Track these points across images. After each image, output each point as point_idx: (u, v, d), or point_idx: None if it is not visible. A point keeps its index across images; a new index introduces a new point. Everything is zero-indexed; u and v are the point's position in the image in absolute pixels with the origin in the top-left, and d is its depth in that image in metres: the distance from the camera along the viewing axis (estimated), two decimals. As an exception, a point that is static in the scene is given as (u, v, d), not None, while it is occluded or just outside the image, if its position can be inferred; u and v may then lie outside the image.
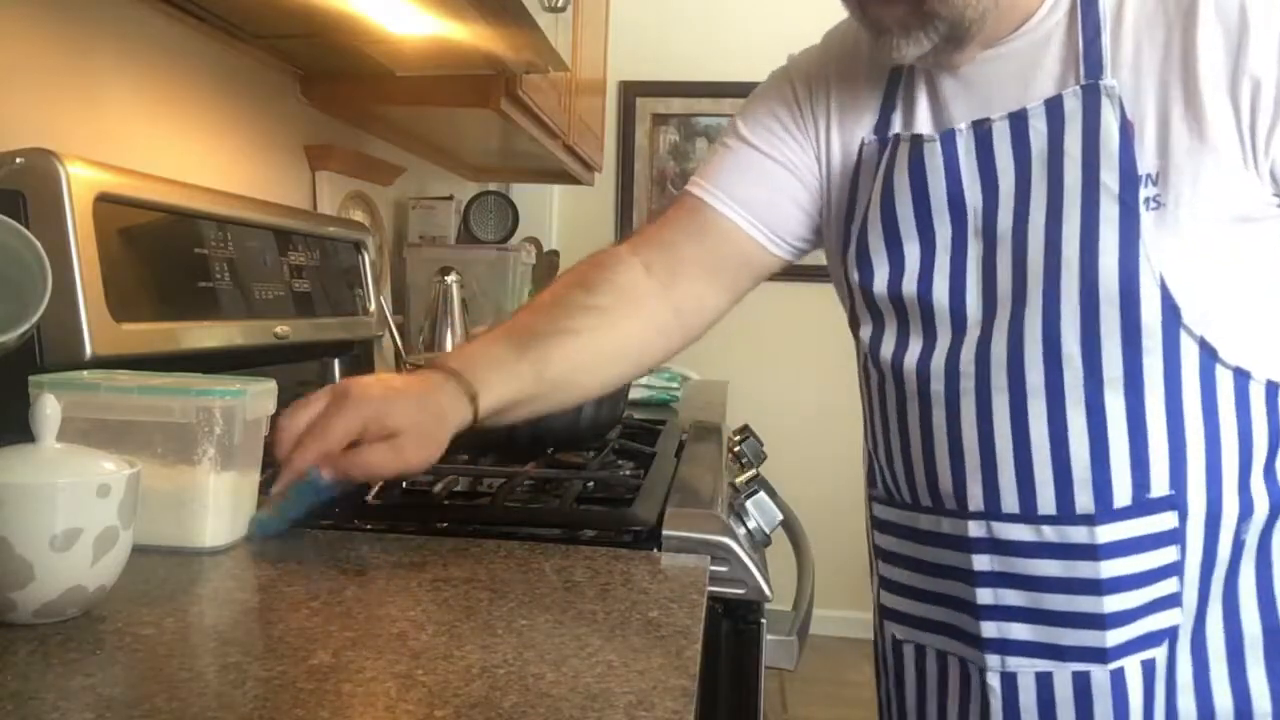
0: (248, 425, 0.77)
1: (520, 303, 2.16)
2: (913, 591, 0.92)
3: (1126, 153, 0.77)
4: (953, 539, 0.86)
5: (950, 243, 0.85)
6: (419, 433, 0.77)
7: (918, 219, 0.86)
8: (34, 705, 0.48)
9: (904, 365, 0.87)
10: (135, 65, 1.22)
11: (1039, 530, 0.82)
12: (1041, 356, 0.80)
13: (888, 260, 0.88)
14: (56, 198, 0.90)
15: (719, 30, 3.40)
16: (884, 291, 0.88)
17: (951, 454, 0.84)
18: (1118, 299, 0.77)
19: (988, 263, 0.83)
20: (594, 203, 3.45)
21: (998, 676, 0.85)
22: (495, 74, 1.57)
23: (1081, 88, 0.79)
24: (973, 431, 0.83)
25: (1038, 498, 0.81)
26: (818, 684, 3.01)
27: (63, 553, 0.58)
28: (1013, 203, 0.82)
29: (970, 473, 0.83)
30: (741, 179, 0.96)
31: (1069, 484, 0.80)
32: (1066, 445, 0.80)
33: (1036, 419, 0.80)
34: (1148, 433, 0.79)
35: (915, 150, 0.86)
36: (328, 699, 0.50)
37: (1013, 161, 0.82)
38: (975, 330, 0.83)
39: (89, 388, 0.75)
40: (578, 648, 0.59)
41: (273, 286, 1.29)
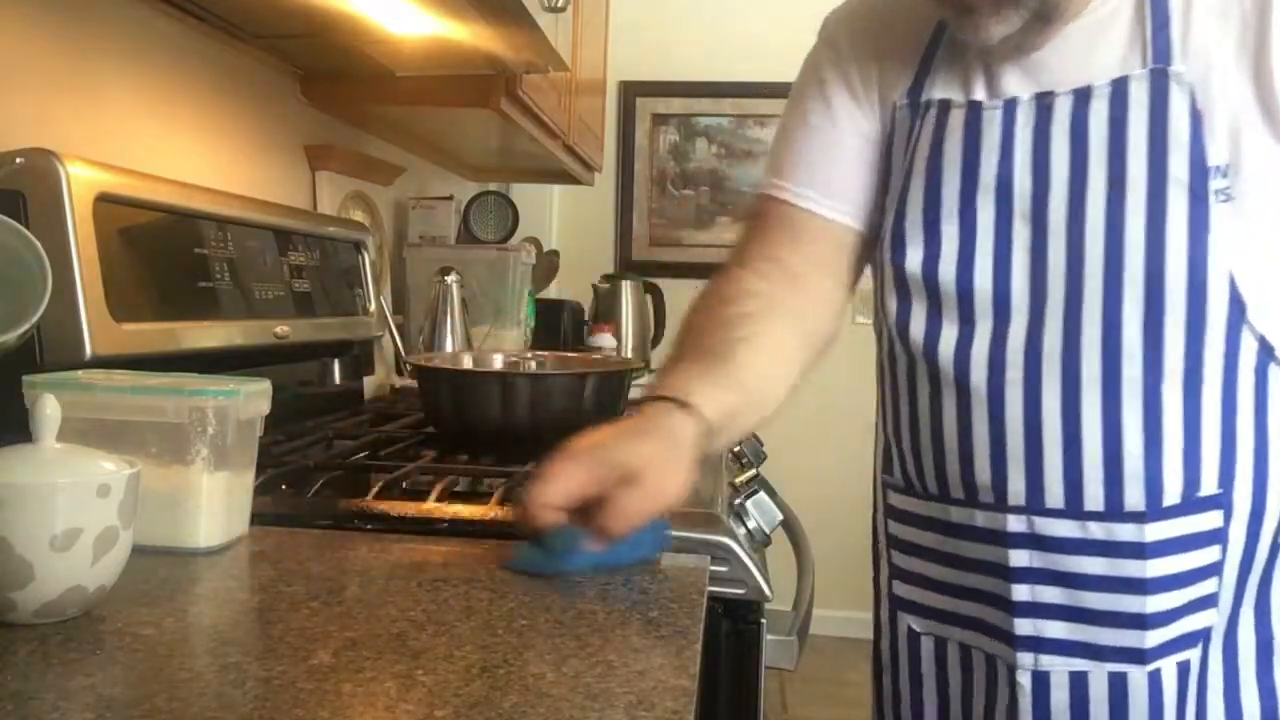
0: (241, 425, 0.77)
1: (520, 303, 2.16)
2: (935, 584, 0.89)
3: (1197, 142, 0.75)
4: (988, 533, 0.83)
5: (993, 226, 0.81)
6: (659, 464, 0.73)
7: (962, 197, 0.82)
8: (34, 705, 0.48)
9: (939, 352, 0.84)
10: (135, 65, 1.22)
11: (1085, 527, 0.79)
12: (1100, 347, 0.77)
13: (923, 240, 0.84)
14: (56, 198, 0.90)
15: (719, 30, 3.40)
16: (918, 272, 0.84)
17: (992, 446, 0.81)
18: (1184, 292, 0.75)
19: (1037, 248, 0.79)
20: (594, 203, 3.45)
21: (1029, 675, 0.82)
22: (495, 74, 1.57)
23: (1150, 72, 0.77)
24: (1018, 424, 0.80)
25: (1085, 493, 0.79)
26: (818, 684, 3.01)
27: (63, 553, 0.58)
28: (1066, 188, 0.78)
29: (1012, 465, 0.80)
30: (814, 166, 0.92)
31: (1119, 480, 0.78)
32: (1120, 440, 0.77)
33: (1090, 412, 0.78)
34: (1201, 429, 0.77)
35: (972, 118, 0.82)
36: (328, 699, 0.50)
37: (1068, 143, 0.79)
38: (1021, 319, 0.80)
39: (84, 388, 0.75)
40: (578, 648, 0.59)
41: (273, 286, 1.29)
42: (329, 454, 1.15)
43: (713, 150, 3.47)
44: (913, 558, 0.91)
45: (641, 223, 3.51)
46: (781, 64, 3.73)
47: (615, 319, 2.62)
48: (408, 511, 0.87)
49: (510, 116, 1.66)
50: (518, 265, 2.14)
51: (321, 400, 1.48)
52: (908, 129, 0.87)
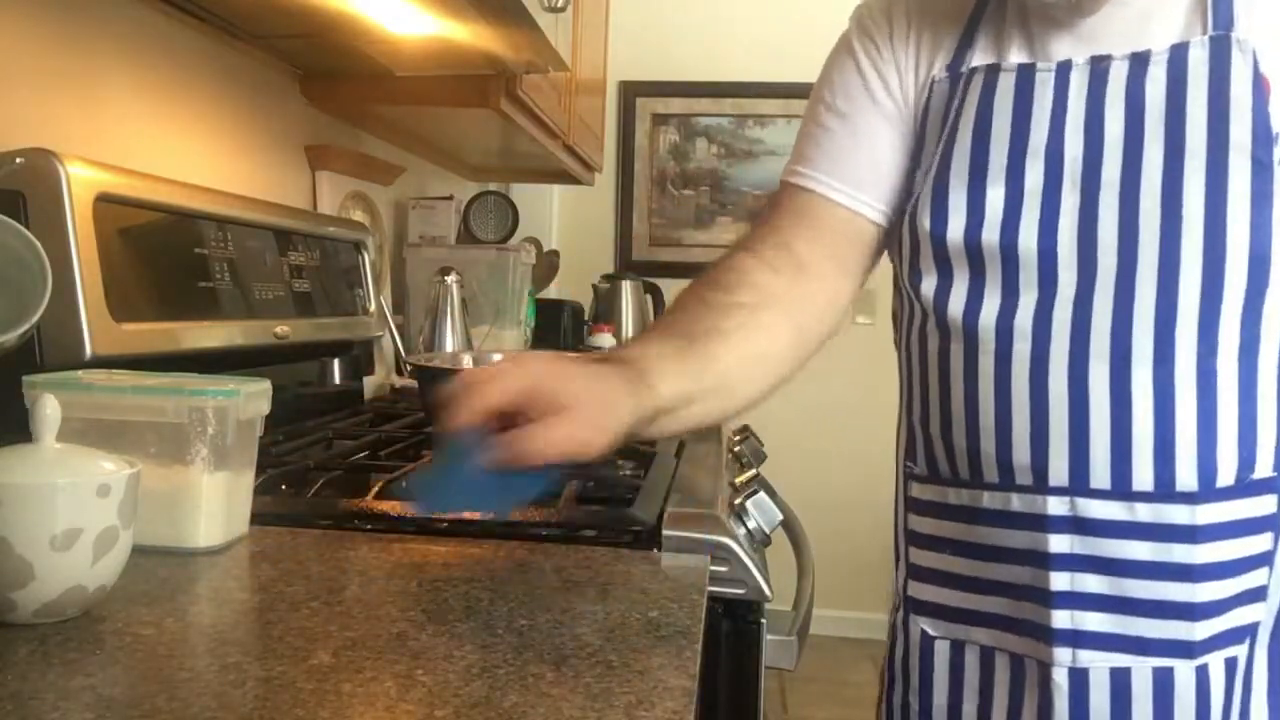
0: (241, 425, 0.77)
1: (520, 303, 2.16)
2: (956, 579, 0.85)
3: (1261, 109, 0.72)
4: (1024, 517, 0.79)
5: (1041, 189, 0.77)
6: (591, 411, 0.67)
7: (1010, 162, 0.78)
8: (34, 705, 0.48)
9: (979, 323, 0.79)
10: (135, 65, 1.22)
11: (1132, 508, 0.75)
12: (1153, 320, 0.73)
13: (966, 206, 0.80)
14: (56, 198, 0.90)
15: (719, 30, 3.40)
16: (959, 240, 0.80)
17: (1034, 423, 0.77)
18: (1246, 262, 0.72)
19: (1087, 215, 0.75)
20: (594, 203, 3.45)
21: (1065, 673, 0.78)
22: (495, 74, 1.57)
23: (1211, 38, 0.74)
24: (1063, 399, 0.76)
25: (1134, 472, 0.75)
26: (818, 684, 3.01)
27: (63, 553, 0.58)
28: (1120, 154, 0.75)
29: (1055, 444, 0.76)
30: (841, 154, 0.89)
31: (1171, 459, 0.74)
32: (1173, 416, 0.74)
33: (1141, 387, 0.74)
34: (1258, 407, 0.75)
35: (1023, 82, 0.79)
36: (328, 699, 0.50)
37: (1124, 109, 0.75)
38: (1069, 289, 0.76)
39: (84, 388, 0.75)
40: (577, 648, 0.59)
41: (273, 286, 1.29)
42: (329, 454, 1.15)
43: (713, 150, 3.47)
44: (934, 553, 0.87)
45: (641, 223, 3.51)
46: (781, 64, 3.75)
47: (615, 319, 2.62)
48: (408, 511, 0.86)
49: (510, 116, 1.66)
50: (518, 265, 2.14)
51: (321, 400, 1.48)
52: (946, 99, 0.84)
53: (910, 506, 0.90)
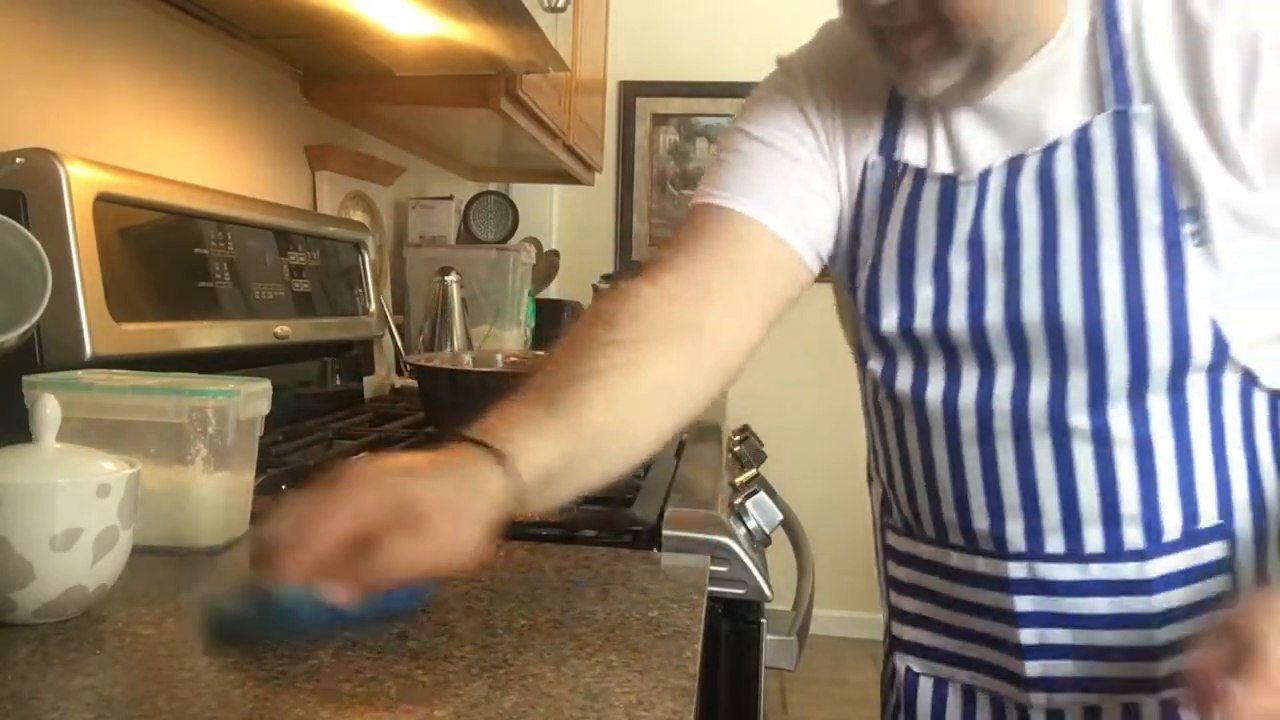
0: (240, 425, 0.77)
1: (520, 303, 2.16)
2: (937, 626, 0.88)
3: (1167, 185, 0.73)
4: (990, 579, 0.82)
5: (967, 280, 0.79)
6: (451, 515, 0.58)
7: (935, 260, 0.80)
8: (34, 705, 0.48)
9: (927, 399, 0.82)
10: (135, 65, 1.22)
11: (1086, 569, 0.78)
12: (1087, 399, 0.76)
13: (898, 302, 0.82)
14: (56, 198, 0.90)
15: (719, 30, 3.40)
16: (894, 330, 0.82)
17: (988, 495, 0.80)
18: (1168, 339, 0.74)
19: (1011, 297, 0.77)
20: (594, 203, 3.45)
21: (1042, 714, 0.82)
22: (495, 74, 1.57)
23: (1112, 115, 0.75)
24: (1011, 473, 0.79)
25: (1084, 538, 0.78)
26: (818, 684, 3.01)
27: (63, 553, 0.58)
28: (1038, 238, 0.77)
29: (1010, 514, 0.79)
30: (763, 180, 0.85)
31: (1117, 522, 0.77)
32: (1115, 484, 0.77)
33: (1083, 460, 0.77)
34: (1194, 464, 0.77)
35: (947, 191, 0.81)
36: (328, 699, 0.50)
37: (1037, 193, 0.77)
38: (1007, 369, 0.78)
39: (83, 388, 0.75)
40: (577, 648, 0.59)
41: (273, 286, 1.29)
42: (329, 454, 1.15)
43: (712, 150, 3.47)
44: (915, 600, 0.90)
45: (641, 223, 3.51)
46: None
47: (615, 319, 2.61)
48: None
49: (510, 116, 1.66)
50: (518, 265, 2.14)
51: (321, 400, 1.48)
52: (881, 188, 0.84)
53: (889, 554, 0.93)
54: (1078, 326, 0.75)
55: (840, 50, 0.88)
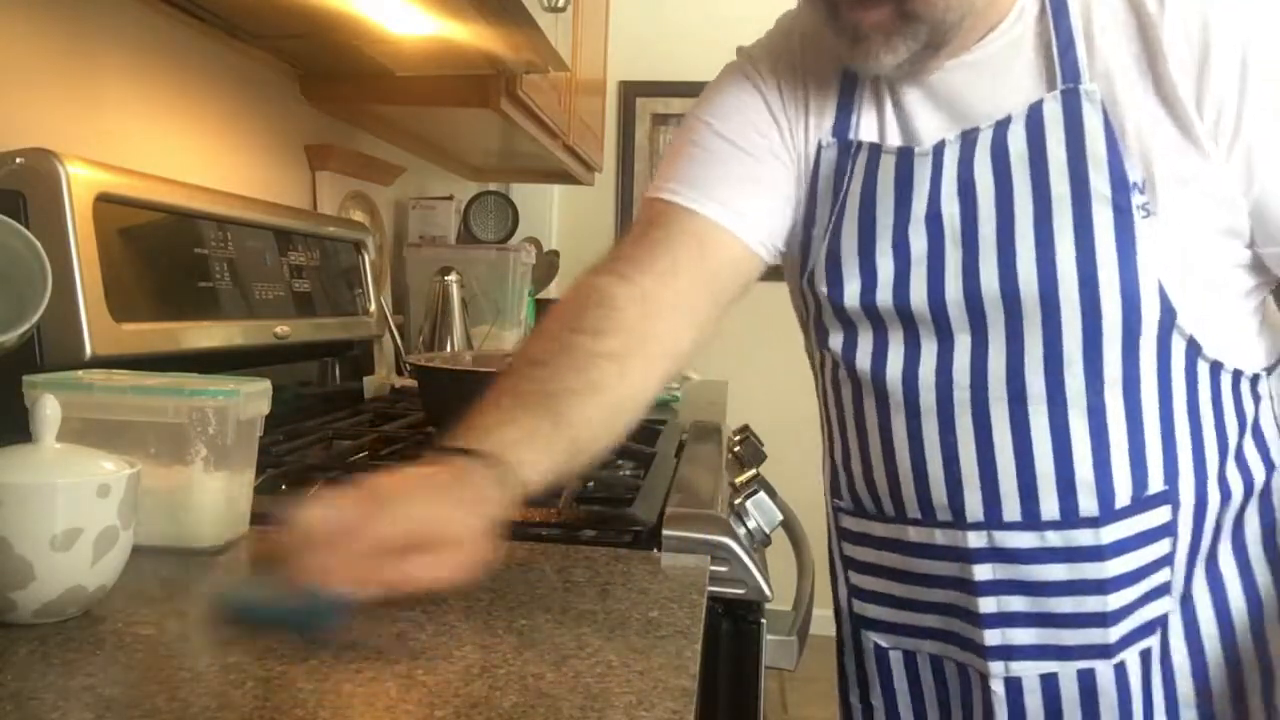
0: (241, 425, 0.77)
1: (520, 303, 2.16)
2: (898, 601, 0.91)
3: (1115, 157, 0.77)
4: (949, 550, 0.85)
5: (926, 252, 0.82)
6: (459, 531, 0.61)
7: (895, 232, 0.83)
8: (34, 705, 0.48)
9: (886, 375, 0.84)
10: (135, 65, 1.22)
11: (1043, 536, 0.81)
12: (1043, 364, 0.79)
13: (860, 274, 0.84)
14: (56, 198, 0.90)
15: (719, 30, 3.38)
16: (855, 304, 0.84)
17: (946, 466, 0.83)
18: (1120, 305, 0.77)
19: (969, 269, 0.80)
20: (594, 203, 3.45)
21: (1002, 682, 0.84)
22: (495, 74, 1.57)
23: (1062, 92, 0.78)
24: (970, 443, 0.81)
25: (1041, 505, 0.81)
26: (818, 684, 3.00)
27: (63, 553, 0.58)
28: (994, 210, 0.80)
29: (968, 484, 0.82)
30: (726, 181, 0.86)
31: (1072, 489, 0.80)
32: (1070, 451, 0.79)
33: (1039, 427, 0.79)
34: (1144, 431, 0.80)
35: (903, 164, 0.83)
36: (328, 699, 0.50)
37: (991, 169, 0.80)
38: (965, 340, 0.81)
39: (83, 388, 0.75)
40: (577, 648, 0.59)
41: (273, 286, 1.29)
42: (329, 454, 1.15)
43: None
44: (873, 577, 0.93)
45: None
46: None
47: (615, 319, 2.61)
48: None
49: (510, 116, 1.66)
50: (518, 265, 2.14)
51: (321, 400, 1.48)
52: (835, 168, 0.86)
53: (843, 536, 0.96)
54: (1034, 295, 0.78)
55: (795, 38, 0.92)
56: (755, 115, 0.89)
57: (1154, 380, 0.79)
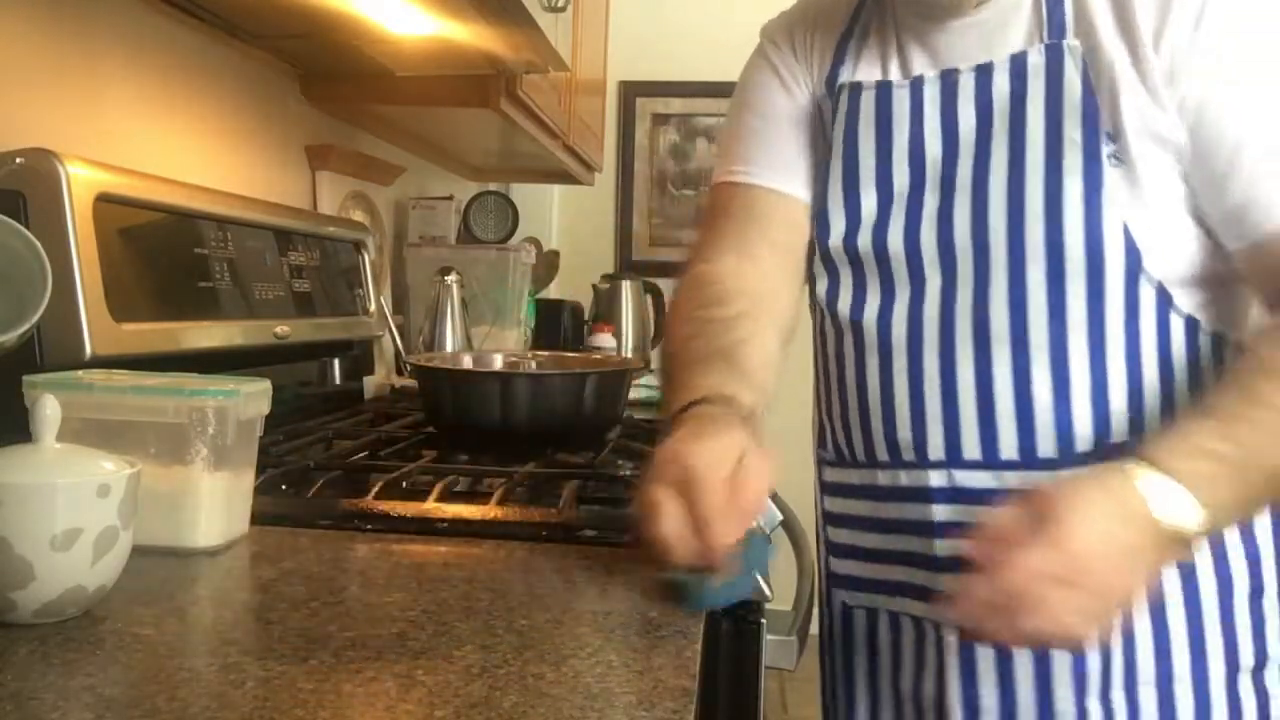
0: (241, 425, 0.77)
1: (520, 303, 2.16)
2: (864, 553, 0.93)
3: (1090, 106, 0.80)
4: (911, 491, 0.86)
5: (907, 193, 0.86)
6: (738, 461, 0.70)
7: (878, 168, 0.88)
8: (34, 705, 0.48)
9: (863, 319, 0.88)
10: (136, 65, 1.22)
11: (1000, 476, 0.82)
12: (1007, 304, 0.81)
13: (844, 213, 0.89)
14: (56, 198, 0.90)
15: (719, 30, 3.39)
16: (839, 244, 0.89)
17: (912, 403, 0.85)
18: (1083, 248, 0.79)
19: (944, 213, 0.84)
20: (594, 203, 3.45)
21: (955, 631, 0.82)
22: (495, 74, 1.57)
23: (1045, 46, 0.82)
24: (935, 379, 0.84)
25: (1000, 443, 0.82)
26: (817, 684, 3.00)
27: (63, 553, 0.58)
28: (972, 154, 0.83)
29: (931, 421, 0.84)
30: (771, 150, 0.96)
31: (1031, 429, 0.81)
32: (1030, 389, 0.81)
33: (1000, 364, 0.81)
34: (1108, 377, 0.80)
35: (883, 97, 0.88)
36: (328, 699, 0.50)
37: (974, 112, 0.84)
38: (935, 282, 0.84)
39: (83, 388, 0.75)
40: (577, 648, 0.59)
41: (273, 286, 1.29)
42: (329, 454, 1.15)
43: (713, 150, 3.47)
44: (846, 529, 0.95)
45: (641, 223, 3.51)
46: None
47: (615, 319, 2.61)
48: (408, 511, 0.87)
49: (510, 116, 1.66)
50: (518, 265, 2.14)
51: (321, 400, 1.48)
52: (828, 113, 0.93)
53: (824, 489, 0.98)
54: (1002, 239, 0.81)
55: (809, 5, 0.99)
56: (772, 90, 0.97)
57: (1120, 326, 0.80)
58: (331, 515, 0.86)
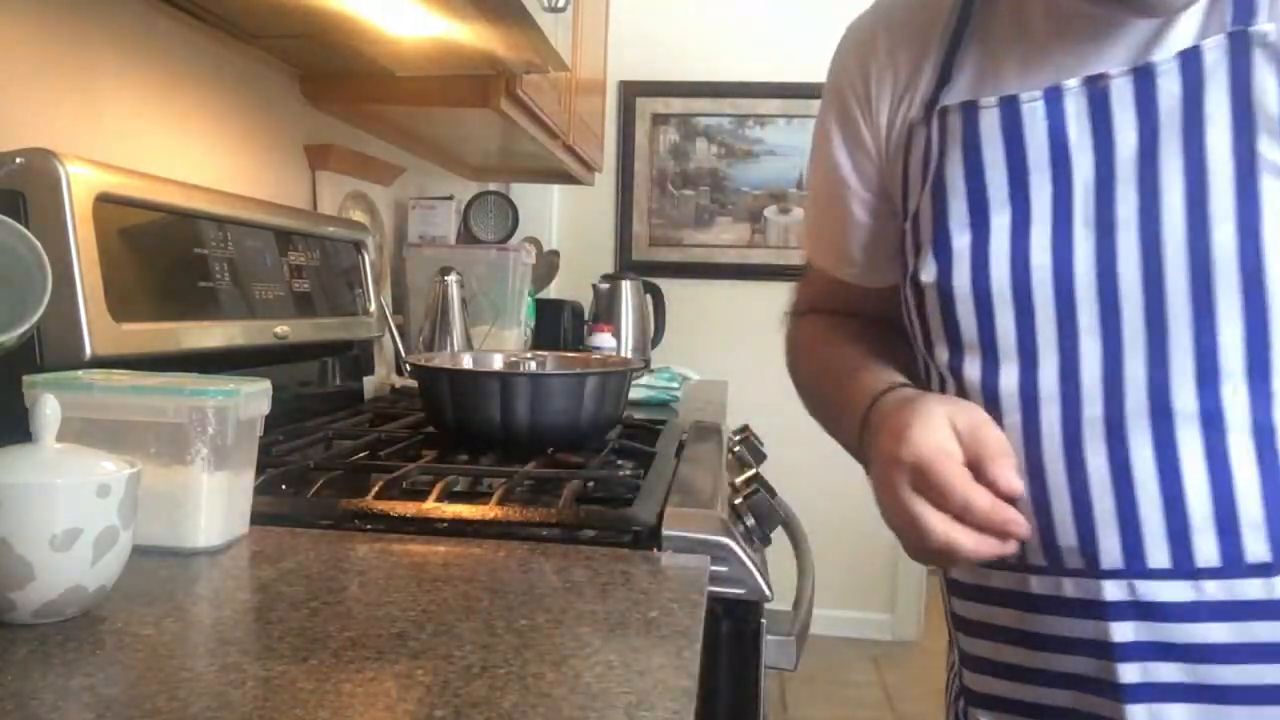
0: (241, 425, 0.77)
1: (520, 303, 2.16)
2: (1015, 671, 0.75)
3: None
4: (1080, 605, 0.70)
5: (1050, 230, 0.69)
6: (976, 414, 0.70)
7: (1013, 201, 0.70)
8: (34, 705, 0.48)
9: (1000, 389, 0.71)
10: (135, 65, 1.22)
11: (1199, 587, 0.66)
12: (1194, 374, 0.65)
13: (970, 243, 0.72)
14: (56, 198, 0.90)
15: (719, 30, 3.40)
16: (966, 289, 0.72)
17: (1075, 500, 0.68)
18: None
19: (1102, 257, 0.67)
20: (594, 203, 3.45)
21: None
22: (495, 74, 1.57)
23: (1228, 36, 0.64)
24: (1103, 472, 0.67)
25: (1194, 548, 0.66)
26: (818, 684, 3.01)
27: (63, 553, 0.58)
28: (1135, 182, 0.66)
29: (1102, 522, 0.67)
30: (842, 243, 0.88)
31: (1235, 528, 0.65)
32: (1230, 480, 0.65)
33: (1190, 450, 0.65)
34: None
35: (1009, 115, 0.70)
36: (328, 699, 0.50)
37: (1136, 130, 0.66)
38: (1094, 342, 0.68)
39: (83, 387, 0.75)
40: (577, 648, 0.59)
41: (273, 286, 1.29)
42: (329, 454, 1.15)
43: (713, 150, 3.47)
44: (986, 641, 0.77)
45: (641, 223, 3.51)
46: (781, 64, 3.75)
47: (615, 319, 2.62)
48: (408, 511, 0.87)
49: (510, 116, 1.66)
50: (518, 265, 2.14)
51: (321, 400, 1.48)
52: (925, 144, 0.77)
53: (952, 590, 0.81)
54: (1183, 290, 0.65)
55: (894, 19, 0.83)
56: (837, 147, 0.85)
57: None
58: (331, 515, 0.86)
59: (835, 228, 0.88)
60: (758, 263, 3.45)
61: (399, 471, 0.98)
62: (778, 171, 3.44)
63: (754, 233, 3.46)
